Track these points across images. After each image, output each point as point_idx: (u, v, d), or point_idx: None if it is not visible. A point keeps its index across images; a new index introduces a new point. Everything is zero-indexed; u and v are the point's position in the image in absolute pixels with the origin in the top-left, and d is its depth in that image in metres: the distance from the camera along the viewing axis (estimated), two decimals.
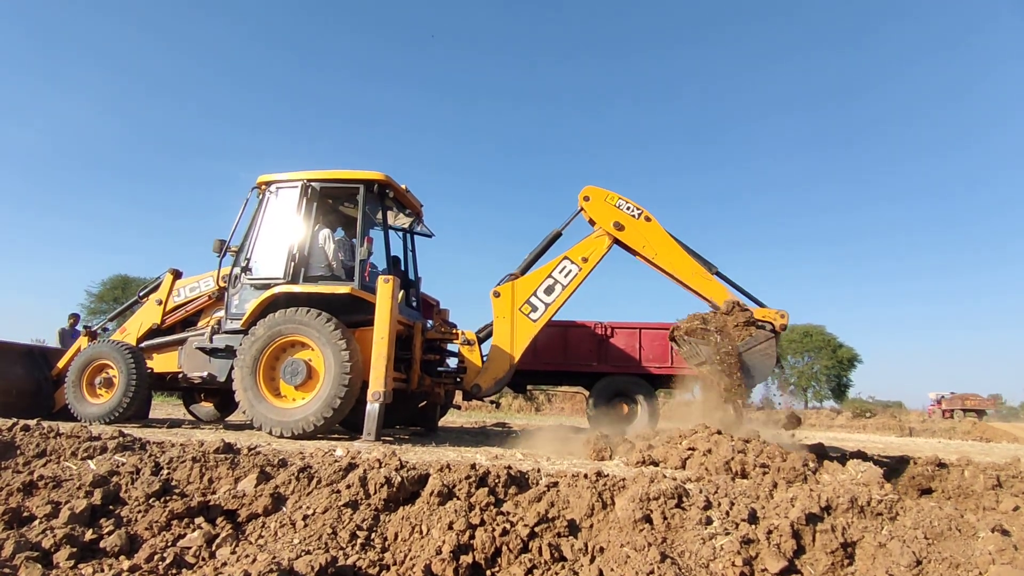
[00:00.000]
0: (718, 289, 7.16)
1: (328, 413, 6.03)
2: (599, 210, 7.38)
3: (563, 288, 7.28)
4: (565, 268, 7.33)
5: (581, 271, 7.32)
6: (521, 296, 7.26)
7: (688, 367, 9.95)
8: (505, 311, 7.26)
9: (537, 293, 7.28)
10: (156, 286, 8.26)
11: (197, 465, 3.47)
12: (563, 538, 2.85)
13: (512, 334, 7.25)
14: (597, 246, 7.36)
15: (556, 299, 7.28)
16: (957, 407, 35.84)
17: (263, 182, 7.24)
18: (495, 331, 7.32)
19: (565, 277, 7.30)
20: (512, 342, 7.23)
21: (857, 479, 4.27)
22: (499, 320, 7.28)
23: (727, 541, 2.70)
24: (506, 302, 7.27)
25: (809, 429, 21.39)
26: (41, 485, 3.23)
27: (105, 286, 32.25)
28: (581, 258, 7.33)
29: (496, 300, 7.29)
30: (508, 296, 7.29)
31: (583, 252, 7.34)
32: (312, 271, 6.86)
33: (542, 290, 7.29)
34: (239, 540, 2.78)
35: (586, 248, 7.36)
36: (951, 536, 2.84)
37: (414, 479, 3.20)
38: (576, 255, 7.35)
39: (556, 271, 7.32)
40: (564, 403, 26.74)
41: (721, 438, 4.89)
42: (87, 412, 7.18)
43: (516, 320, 7.25)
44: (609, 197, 7.38)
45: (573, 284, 7.30)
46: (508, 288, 7.32)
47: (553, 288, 7.29)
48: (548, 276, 7.31)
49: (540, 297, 7.27)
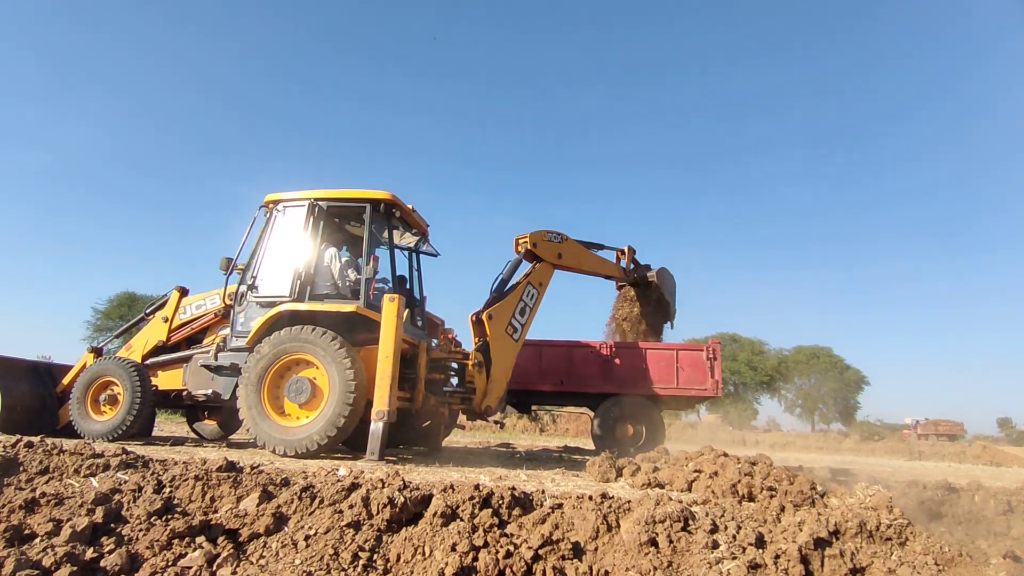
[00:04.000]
0: (613, 267, 10.06)
1: (332, 432, 6.00)
2: (544, 250, 8.62)
3: (531, 310, 8.29)
4: (529, 291, 8.30)
5: (539, 294, 8.44)
6: (505, 318, 7.91)
7: (695, 390, 9.95)
8: (498, 332, 7.81)
9: (515, 315, 8.04)
10: (162, 303, 8.29)
11: (199, 483, 3.45)
12: (567, 561, 2.81)
13: (503, 354, 7.80)
14: (545, 273, 8.62)
15: (527, 320, 8.18)
16: (931, 432, 37.73)
17: (270, 201, 7.31)
18: (493, 352, 7.67)
19: (531, 300, 8.31)
20: (504, 362, 7.78)
21: (866, 503, 4.21)
22: (495, 341, 7.73)
23: (734, 566, 2.66)
24: (498, 324, 7.83)
25: (816, 452, 21.14)
26: (43, 502, 3.21)
27: (112, 303, 32.43)
28: (539, 283, 8.47)
29: (489, 322, 7.75)
30: (498, 318, 7.86)
31: (538, 279, 8.49)
32: (318, 289, 6.88)
33: (518, 312, 8.08)
34: (240, 560, 2.75)
35: (539, 276, 8.51)
36: (962, 562, 2.79)
37: (417, 500, 3.17)
38: (535, 280, 8.44)
39: (524, 295, 8.18)
40: (569, 424, 26.53)
41: (728, 460, 4.84)
42: (91, 429, 7.17)
43: (504, 342, 7.86)
44: (543, 236, 8.63)
45: (536, 306, 8.33)
46: (497, 311, 7.88)
47: (525, 310, 8.20)
48: (520, 300, 8.13)
49: (517, 318, 8.06)
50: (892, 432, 37.73)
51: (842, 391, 43.05)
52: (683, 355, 10.08)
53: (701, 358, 10.00)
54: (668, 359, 10.04)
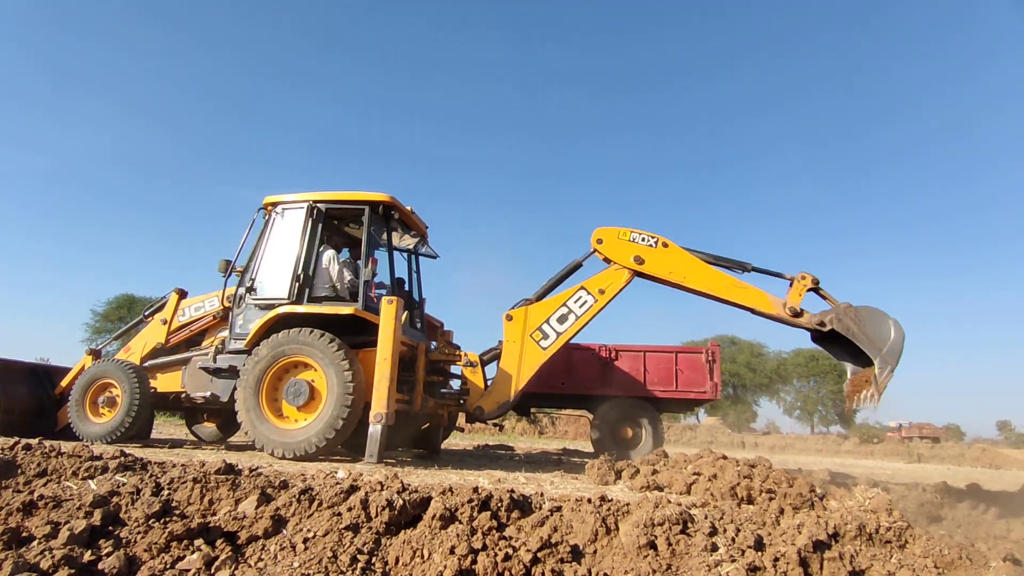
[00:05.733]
0: (755, 295, 6.82)
1: (330, 434, 6.00)
2: (615, 249, 7.16)
3: (576, 318, 7.13)
4: (581, 298, 7.15)
5: (597, 303, 7.13)
6: (534, 322, 7.11)
7: (694, 393, 9.93)
8: (516, 336, 7.12)
9: (550, 321, 7.12)
10: (161, 305, 8.29)
11: (198, 486, 3.45)
12: (566, 564, 2.81)
13: (520, 360, 7.10)
14: (616, 279, 7.15)
15: (568, 328, 7.12)
16: (915, 435, 38.42)
17: (269, 203, 7.31)
18: (503, 355, 7.20)
19: (580, 307, 7.14)
20: (519, 368, 7.08)
21: (865, 506, 4.21)
22: (509, 344, 7.15)
23: (733, 569, 2.65)
24: (518, 327, 7.13)
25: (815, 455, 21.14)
26: (41, 505, 3.21)
27: (110, 305, 32.40)
28: (598, 290, 7.13)
29: (508, 324, 7.17)
30: (520, 321, 7.14)
31: (601, 284, 7.15)
32: (317, 292, 6.88)
33: (555, 318, 7.13)
34: (239, 563, 2.75)
35: (604, 280, 7.16)
36: (962, 565, 2.79)
37: (416, 502, 3.17)
38: (593, 286, 7.17)
39: (571, 300, 7.16)
40: (568, 426, 26.54)
41: (726, 463, 4.84)
42: (89, 431, 7.16)
43: (526, 346, 7.10)
44: (622, 233, 7.16)
45: (587, 315, 7.13)
46: (521, 313, 7.18)
47: (566, 317, 7.13)
48: (563, 305, 7.16)
49: (552, 325, 7.12)
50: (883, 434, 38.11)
51: (841, 394, 43.05)
52: (682, 358, 10.09)
53: (700, 361, 10.00)
54: (667, 362, 10.04)
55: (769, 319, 6.81)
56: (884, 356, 5.70)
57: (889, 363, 5.63)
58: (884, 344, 5.78)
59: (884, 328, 5.87)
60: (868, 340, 5.82)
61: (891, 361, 5.66)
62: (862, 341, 5.84)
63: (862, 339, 5.84)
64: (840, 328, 6.01)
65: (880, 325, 5.91)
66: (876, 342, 5.78)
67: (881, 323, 5.89)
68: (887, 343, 5.78)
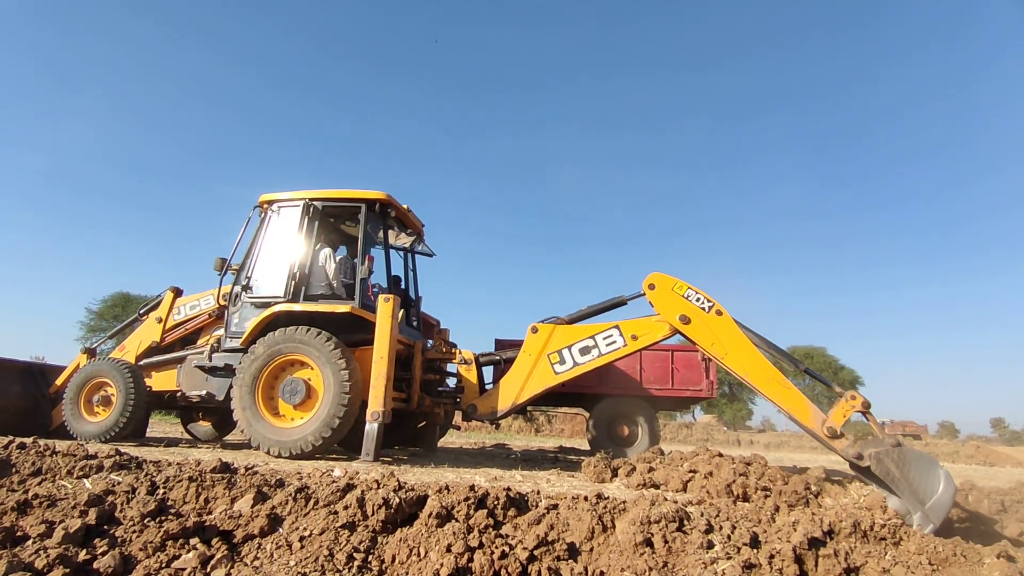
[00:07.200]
0: (796, 399, 5.97)
1: (327, 433, 5.99)
2: (664, 301, 6.59)
3: (600, 355, 6.78)
4: (611, 337, 6.79)
5: (626, 347, 6.76)
6: (556, 344, 6.84)
7: (690, 391, 9.95)
8: (534, 350, 6.86)
9: (572, 348, 6.82)
10: (156, 304, 8.25)
11: (193, 485, 3.44)
12: (563, 561, 2.81)
13: (530, 375, 6.84)
14: (653, 331, 6.68)
15: (588, 362, 6.78)
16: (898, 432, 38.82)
17: (265, 201, 7.28)
18: (516, 364, 6.98)
19: (607, 346, 6.78)
20: (526, 383, 6.84)
21: (860, 503, 4.23)
22: (524, 355, 6.93)
23: (729, 566, 2.66)
24: (539, 342, 6.86)
25: (811, 452, 21.20)
26: (36, 504, 3.20)
27: (106, 303, 32.23)
28: (631, 335, 6.73)
29: (531, 335, 6.91)
30: (544, 337, 6.87)
31: (636, 330, 6.72)
32: (313, 290, 6.86)
33: (578, 348, 6.81)
34: (234, 562, 2.74)
35: (641, 328, 6.72)
36: (956, 562, 2.80)
37: (412, 500, 3.17)
38: (628, 330, 6.76)
39: (601, 336, 6.81)
40: (564, 424, 26.58)
41: (723, 460, 4.86)
42: (84, 430, 7.13)
43: (540, 364, 6.84)
44: (677, 287, 6.57)
45: (611, 356, 6.81)
46: (548, 330, 6.90)
47: (590, 351, 6.79)
48: (591, 337, 6.81)
49: (573, 353, 6.81)
50: None
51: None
52: (678, 356, 10.10)
53: (696, 359, 10.02)
54: (663, 360, 10.05)
55: (803, 431, 6.07)
56: (926, 512, 4.84)
57: (931, 522, 4.79)
58: (928, 498, 4.90)
59: (931, 479, 4.99)
60: (910, 489, 4.99)
61: (934, 520, 4.80)
62: (903, 490, 4.99)
63: (903, 487, 5.00)
64: (878, 471, 5.17)
65: (927, 475, 5.02)
66: (919, 494, 4.94)
67: (928, 472, 5.02)
68: (932, 498, 4.91)
